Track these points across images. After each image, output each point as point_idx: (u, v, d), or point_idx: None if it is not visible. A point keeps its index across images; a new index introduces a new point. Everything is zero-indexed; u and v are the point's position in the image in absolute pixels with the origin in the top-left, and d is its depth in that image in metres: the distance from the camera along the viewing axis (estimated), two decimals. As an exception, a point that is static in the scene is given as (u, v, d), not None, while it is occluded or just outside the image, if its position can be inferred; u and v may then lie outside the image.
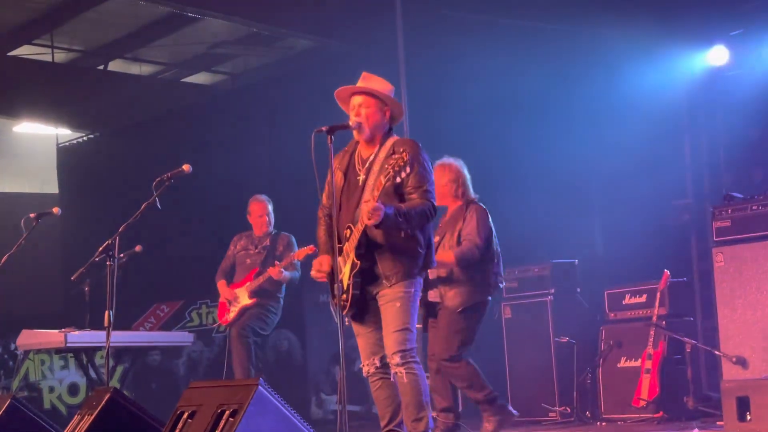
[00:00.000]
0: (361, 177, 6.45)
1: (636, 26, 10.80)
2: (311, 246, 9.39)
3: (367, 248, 6.33)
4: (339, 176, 6.56)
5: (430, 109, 11.43)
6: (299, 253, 9.83)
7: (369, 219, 6.03)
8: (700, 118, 11.39)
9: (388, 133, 6.55)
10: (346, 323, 6.52)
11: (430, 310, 8.25)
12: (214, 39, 14.35)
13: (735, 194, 9.16)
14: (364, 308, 6.45)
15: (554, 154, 11.34)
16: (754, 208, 8.85)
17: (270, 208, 10.41)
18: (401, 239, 6.30)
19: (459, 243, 8.12)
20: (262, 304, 10.10)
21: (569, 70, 11.27)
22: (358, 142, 6.59)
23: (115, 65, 15.27)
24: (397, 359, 6.26)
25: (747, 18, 10.67)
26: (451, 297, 8.13)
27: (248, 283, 10.14)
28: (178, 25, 13.65)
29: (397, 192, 6.28)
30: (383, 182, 6.01)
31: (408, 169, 6.04)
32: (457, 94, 11.57)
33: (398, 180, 6.06)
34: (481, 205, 8.38)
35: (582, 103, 11.24)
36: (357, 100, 6.51)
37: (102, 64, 15.20)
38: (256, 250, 10.30)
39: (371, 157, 6.46)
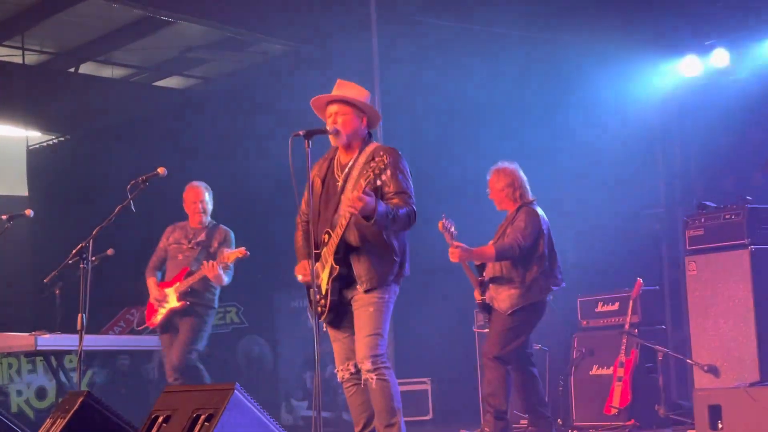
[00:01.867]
0: (340, 183, 6.45)
1: (609, 36, 10.85)
2: (242, 249, 9.00)
3: (344, 252, 6.31)
4: (317, 183, 6.56)
5: (403, 114, 11.44)
6: (229, 255, 9.02)
7: (352, 206, 5.98)
8: (672, 127, 11.45)
9: (368, 140, 6.54)
10: (324, 329, 6.51)
11: (490, 312, 8.43)
12: (187, 43, 14.28)
13: (708, 203, 9.20)
14: (341, 314, 6.44)
15: (527, 161, 11.33)
16: (727, 217, 8.89)
17: (206, 196, 9.56)
18: (378, 245, 6.30)
19: None
20: (196, 315, 9.27)
21: (542, 78, 11.31)
22: (337, 149, 6.58)
23: (86, 68, 15.16)
24: (368, 365, 6.25)
25: (719, 28, 10.73)
26: (502, 300, 8.29)
27: (178, 284, 9.31)
28: (150, 28, 13.57)
29: (377, 197, 6.25)
30: (363, 185, 6.00)
31: (388, 172, 6.05)
32: (430, 100, 11.60)
33: (378, 183, 6.04)
34: (535, 207, 8.48)
35: (555, 110, 11.29)
36: (333, 108, 6.50)
37: (73, 67, 15.10)
38: (189, 245, 9.44)
39: (350, 163, 6.46)
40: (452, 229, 8.20)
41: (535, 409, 8.54)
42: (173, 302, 9.26)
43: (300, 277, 6.55)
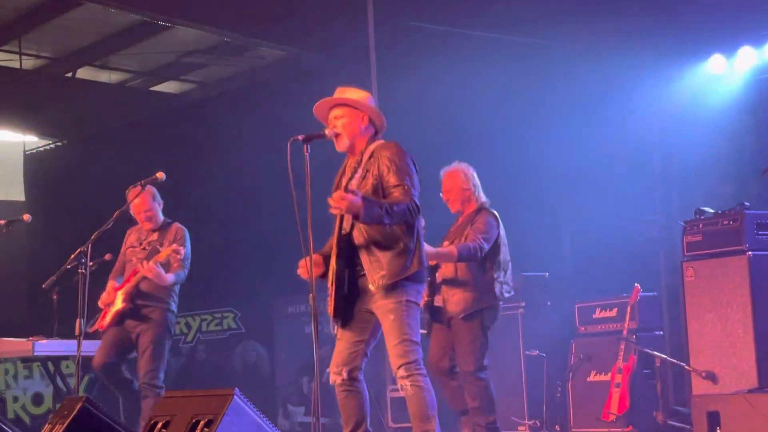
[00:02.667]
0: (345, 184, 6.43)
1: (605, 42, 10.85)
2: (174, 246, 8.62)
3: (348, 253, 6.28)
4: (336, 183, 6.54)
5: (401, 121, 11.37)
6: (162, 253, 8.62)
7: (335, 206, 5.93)
8: (669, 133, 11.45)
9: (372, 140, 6.52)
10: (334, 331, 6.47)
11: (434, 314, 8.24)
12: (183, 48, 14.30)
13: (706, 209, 9.20)
14: (353, 318, 6.38)
15: (524, 168, 11.37)
16: (725, 223, 8.87)
17: (152, 196, 8.95)
18: (384, 241, 6.22)
19: None
20: (152, 322, 8.81)
21: (540, 85, 11.31)
22: (347, 154, 6.58)
23: (83, 73, 15.19)
24: (402, 372, 6.18)
25: (718, 35, 10.74)
26: (455, 302, 8.11)
27: (127, 285, 8.86)
28: (147, 33, 13.60)
29: (377, 193, 6.23)
30: (355, 184, 6.05)
31: (385, 167, 6.15)
32: (428, 106, 11.58)
33: (369, 177, 6.16)
34: (493, 210, 8.35)
35: (551, 117, 11.29)
36: (334, 112, 6.49)
37: (70, 72, 15.12)
38: (141, 247, 9.05)
39: (355, 166, 6.45)
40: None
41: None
42: (118, 304, 8.81)
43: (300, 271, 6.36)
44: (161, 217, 9.14)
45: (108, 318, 8.85)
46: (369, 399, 6.51)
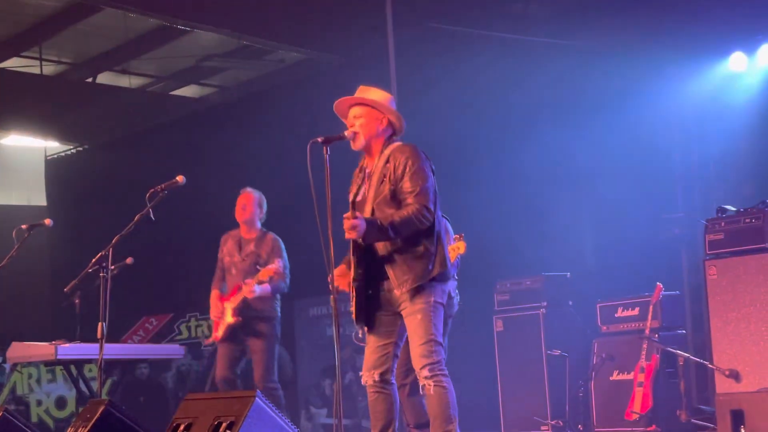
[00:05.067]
0: (364, 188, 6.43)
1: (626, 40, 10.82)
2: (275, 265, 8.99)
3: (372, 259, 6.28)
4: (355, 191, 6.52)
5: (421, 122, 11.38)
6: (263, 273, 9.03)
7: (348, 235, 6.01)
8: (691, 131, 11.42)
9: (389, 142, 6.51)
10: (360, 335, 6.48)
11: None
12: (203, 52, 14.33)
13: (728, 207, 9.17)
14: (374, 318, 6.38)
15: (547, 168, 11.36)
16: (747, 221, 8.85)
17: (258, 201, 9.52)
18: (406, 245, 6.24)
19: None
20: (261, 335, 9.19)
21: (559, 84, 11.29)
22: (364, 155, 6.57)
23: (103, 78, 15.24)
24: (426, 372, 6.18)
25: (739, 32, 10.70)
26: None
27: (233, 298, 9.30)
28: (167, 37, 13.64)
29: (395, 198, 6.24)
30: (383, 191, 6.03)
31: (401, 172, 6.18)
32: (448, 107, 11.58)
33: (390, 183, 6.18)
34: None
35: (573, 116, 11.25)
36: (354, 111, 6.49)
37: (91, 77, 15.18)
38: (240, 257, 9.38)
39: (372, 168, 6.44)
40: None
41: None
42: (229, 318, 9.24)
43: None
44: (259, 226, 9.48)
45: (221, 331, 9.28)
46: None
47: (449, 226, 7.84)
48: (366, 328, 6.41)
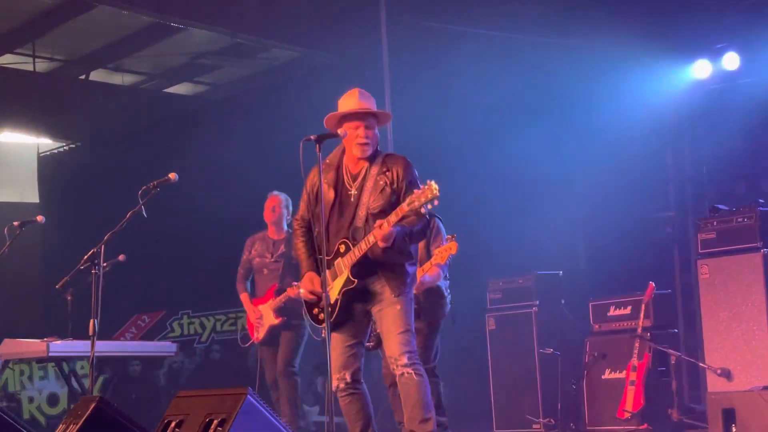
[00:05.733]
0: (353, 192, 6.42)
1: (619, 40, 10.83)
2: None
3: (367, 267, 6.33)
4: (329, 193, 6.50)
5: (414, 120, 11.43)
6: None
7: (383, 243, 6.08)
8: (683, 131, 11.44)
9: (380, 149, 6.56)
10: (322, 334, 6.46)
11: None
12: (196, 49, 14.30)
13: (720, 206, 9.18)
14: (347, 322, 6.43)
15: (539, 166, 11.36)
16: (739, 220, 8.87)
17: (285, 203, 9.71)
18: (399, 257, 6.34)
19: None
20: (293, 329, 9.52)
21: (553, 83, 11.29)
22: (342, 157, 6.56)
23: (96, 75, 15.20)
24: (404, 360, 6.25)
25: (731, 32, 10.71)
26: None
27: (270, 301, 9.58)
28: (160, 35, 13.59)
29: (394, 206, 6.25)
30: (392, 220, 6.09)
31: (406, 182, 6.27)
32: (441, 105, 11.58)
33: (392, 191, 6.23)
34: None
35: (566, 115, 11.27)
36: (367, 121, 6.46)
37: (84, 74, 15.13)
38: (272, 259, 9.67)
39: (363, 173, 6.43)
40: None
41: None
42: (271, 319, 9.54)
43: (303, 292, 6.49)
44: (285, 227, 9.69)
45: (261, 333, 9.65)
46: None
47: (442, 226, 7.86)
48: (333, 328, 6.43)
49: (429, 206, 5.95)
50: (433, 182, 5.87)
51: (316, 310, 6.48)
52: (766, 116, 10.55)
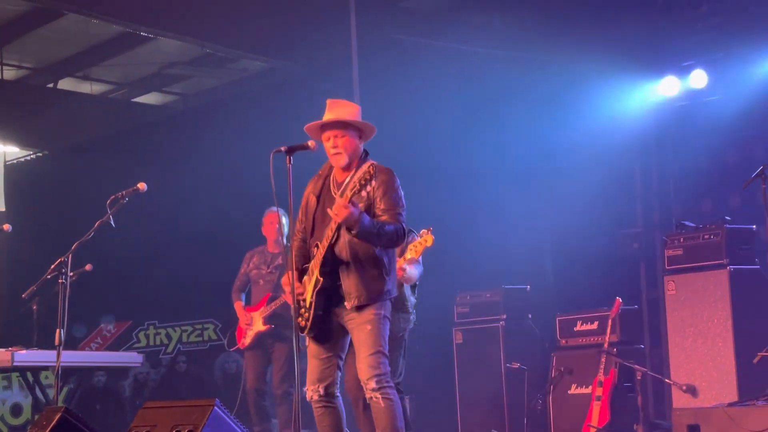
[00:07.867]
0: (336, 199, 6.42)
1: (587, 57, 10.88)
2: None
3: (332, 267, 6.29)
4: (312, 200, 6.52)
5: (382, 132, 11.41)
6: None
7: (336, 212, 6.00)
8: (650, 147, 11.50)
9: (364, 158, 6.54)
10: (306, 344, 6.45)
11: None
12: (166, 59, 14.27)
13: (687, 223, 9.24)
14: (326, 331, 6.39)
15: (505, 180, 11.38)
16: (706, 237, 8.94)
17: (284, 219, 9.69)
18: (369, 261, 6.28)
19: None
20: (284, 339, 9.69)
21: (522, 98, 11.32)
22: (332, 167, 6.56)
23: (65, 83, 15.13)
24: (372, 384, 6.20)
25: (698, 49, 10.77)
26: None
27: (262, 308, 9.84)
28: (130, 44, 13.55)
29: (368, 213, 6.24)
30: (349, 195, 6.01)
31: (379, 189, 6.21)
32: (410, 118, 11.59)
33: (363, 193, 6.11)
34: None
35: (533, 130, 11.29)
36: (333, 130, 6.47)
37: (52, 83, 15.06)
38: (268, 270, 9.98)
39: (346, 180, 6.43)
40: None
41: None
42: (259, 326, 9.83)
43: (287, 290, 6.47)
44: (284, 241, 9.68)
45: (249, 339, 9.90)
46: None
47: (415, 234, 7.83)
48: (313, 337, 6.41)
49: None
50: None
51: (299, 319, 6.44)
52: (733, 134, 10.61)
